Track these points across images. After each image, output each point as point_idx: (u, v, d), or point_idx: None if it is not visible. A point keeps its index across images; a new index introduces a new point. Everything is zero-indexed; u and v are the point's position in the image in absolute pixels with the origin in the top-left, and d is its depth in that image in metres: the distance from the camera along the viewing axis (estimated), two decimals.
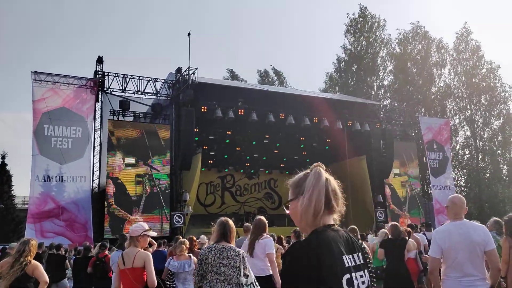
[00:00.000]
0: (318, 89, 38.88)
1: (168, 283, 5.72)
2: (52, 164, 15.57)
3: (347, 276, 1.56)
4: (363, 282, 1.61)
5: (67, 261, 9.34)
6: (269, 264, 5.57)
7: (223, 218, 4.07)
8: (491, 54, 69.83)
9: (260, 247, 5.53)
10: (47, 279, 4.93)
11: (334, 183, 1.75)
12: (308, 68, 73.57)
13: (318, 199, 1.65)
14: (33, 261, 4.89)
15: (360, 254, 1.70)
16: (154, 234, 4.88)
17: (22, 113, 67.53)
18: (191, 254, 6.20)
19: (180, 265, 5.88)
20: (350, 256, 1.63)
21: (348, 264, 1.60)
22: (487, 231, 3.86)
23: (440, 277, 3.80)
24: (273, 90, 21.49)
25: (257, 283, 3.83)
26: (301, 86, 53.90)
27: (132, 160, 16.44)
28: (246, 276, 3.75)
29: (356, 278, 1.59)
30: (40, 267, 4.93)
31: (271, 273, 5.56)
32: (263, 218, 5.75)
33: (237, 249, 3.90)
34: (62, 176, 15.58)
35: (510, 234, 4.71)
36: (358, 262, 1.65)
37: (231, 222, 4.04)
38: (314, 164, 1.78)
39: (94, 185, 16.75)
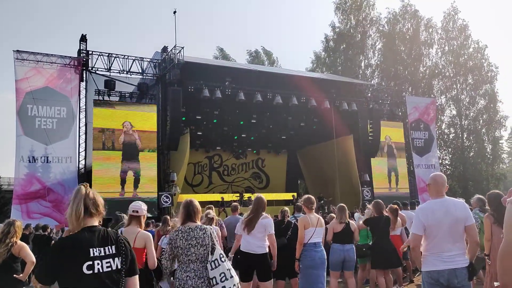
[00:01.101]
0: (305, 69, 38.73)
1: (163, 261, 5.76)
2: (37, 145, 15.36)
3: (89, 263, 2.25)
4: (108, 266, 2.30)
5: (53, 241, 9.30)
6: (265, 243, 5.61)
7: (187, 199, 4.04)
8: (479, 34, 70.13)
9: (260, 227, 5.56)
10: (34, 259, 4.92)
11: (93, 194, 2.45)
12: (297, 47, 73.18)
13: (77, 208, 2.35)
14: (19, 242, 4.87)
15: (113, 246, 2.37)
16: (148, 214, 4.86)
17: (5, 93, 66.17)
18: None
19: None
20: (101, 248, 2.32)
21: (94, 254, 2.28)
22: (467, 206, 3.91)
23: (421, 253, 3.86)
24: (260, 70, 21.29)
25: (223, 257, 3.79)
26: (291, 66, 53.63)
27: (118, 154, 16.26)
28: (212, 252, 3.72)
29: (99, 264, 2.28)
30: (26, 247, 4.91)
31: (267, 251, 5.61)
32: (263, 197, 5.75)
33: (204, 226, 3.87)
34: (47, 157, 15.40)
35: (494, 211, 4.79)
36: (108, 252, 2.33)
37: (195, 201, 4.01)
38: (79, 185, 2.48)
39: (80, 165, 16.59)
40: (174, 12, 17.79)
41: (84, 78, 16.85)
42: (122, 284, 2.34)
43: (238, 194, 22.01)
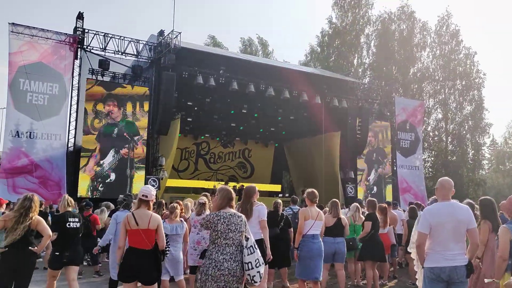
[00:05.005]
0: (298, 62, 38.82)
1: None
2: (25, 120, 15.27)
3: (68, 222, 5.90)
4: (74, 225, 5.97)
5: (49, 218, 9.34)
6: (259, 229, 5.86)
7: (223, 186, 4.36)
8: (469, 40, 70.90)
9: (254, 214, 5.80)
10: (50, 232, 5.25)
11: (69, 198, 6.27)
12: (293, 38, 73.06)
13: (63, 204, 6.15)
14: (36, 216, 5.15)
15: (76, 218, 6.06)
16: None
17: None
18: (182, 219, 6.62)
19: (173, 228, 6.29)
20: (72, 218, 5.98)
21: (70, 220, 5.93)
22: (470, 211, 4.31)
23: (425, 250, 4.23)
24: (255, 61, 21.38)
25: (256, 246, 4.12)
26: (285, 56, 53.40)
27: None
28: (247, 239, 4.05)
29: (73, 223, 5.96)
30: (43, 221, 5.20)
31: (261, 237, 5.86)
32: (252, 185, 6.05)
33: (239, 214, 4.20)
34: (35, 133, 15.32)
35: (485, 217, 5.15)
36: (74, 220, 6.00)
37: (231, 188, 4.33)
38: (64, 195, 6.55)
39: (69, 143, 16.58)
40: None
41: (79, 56, 16.77)
42: (80, 231, 6.05)
43: (223, 183, 22.20)
